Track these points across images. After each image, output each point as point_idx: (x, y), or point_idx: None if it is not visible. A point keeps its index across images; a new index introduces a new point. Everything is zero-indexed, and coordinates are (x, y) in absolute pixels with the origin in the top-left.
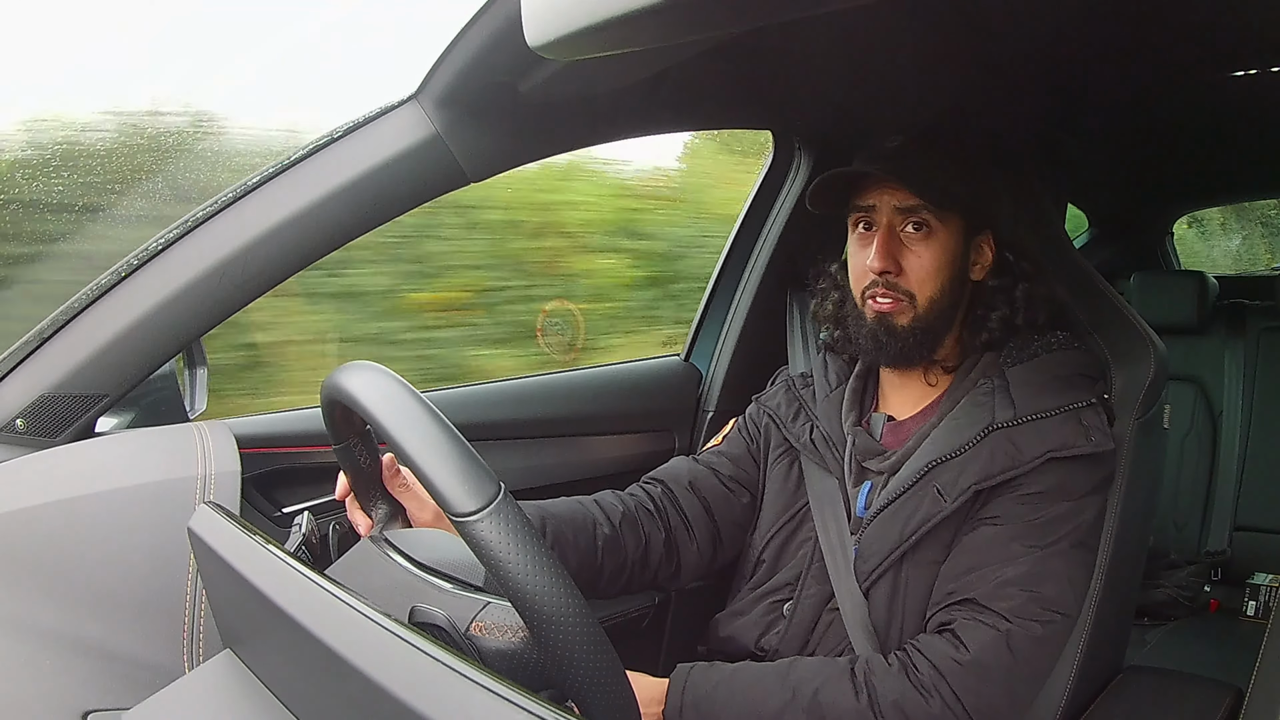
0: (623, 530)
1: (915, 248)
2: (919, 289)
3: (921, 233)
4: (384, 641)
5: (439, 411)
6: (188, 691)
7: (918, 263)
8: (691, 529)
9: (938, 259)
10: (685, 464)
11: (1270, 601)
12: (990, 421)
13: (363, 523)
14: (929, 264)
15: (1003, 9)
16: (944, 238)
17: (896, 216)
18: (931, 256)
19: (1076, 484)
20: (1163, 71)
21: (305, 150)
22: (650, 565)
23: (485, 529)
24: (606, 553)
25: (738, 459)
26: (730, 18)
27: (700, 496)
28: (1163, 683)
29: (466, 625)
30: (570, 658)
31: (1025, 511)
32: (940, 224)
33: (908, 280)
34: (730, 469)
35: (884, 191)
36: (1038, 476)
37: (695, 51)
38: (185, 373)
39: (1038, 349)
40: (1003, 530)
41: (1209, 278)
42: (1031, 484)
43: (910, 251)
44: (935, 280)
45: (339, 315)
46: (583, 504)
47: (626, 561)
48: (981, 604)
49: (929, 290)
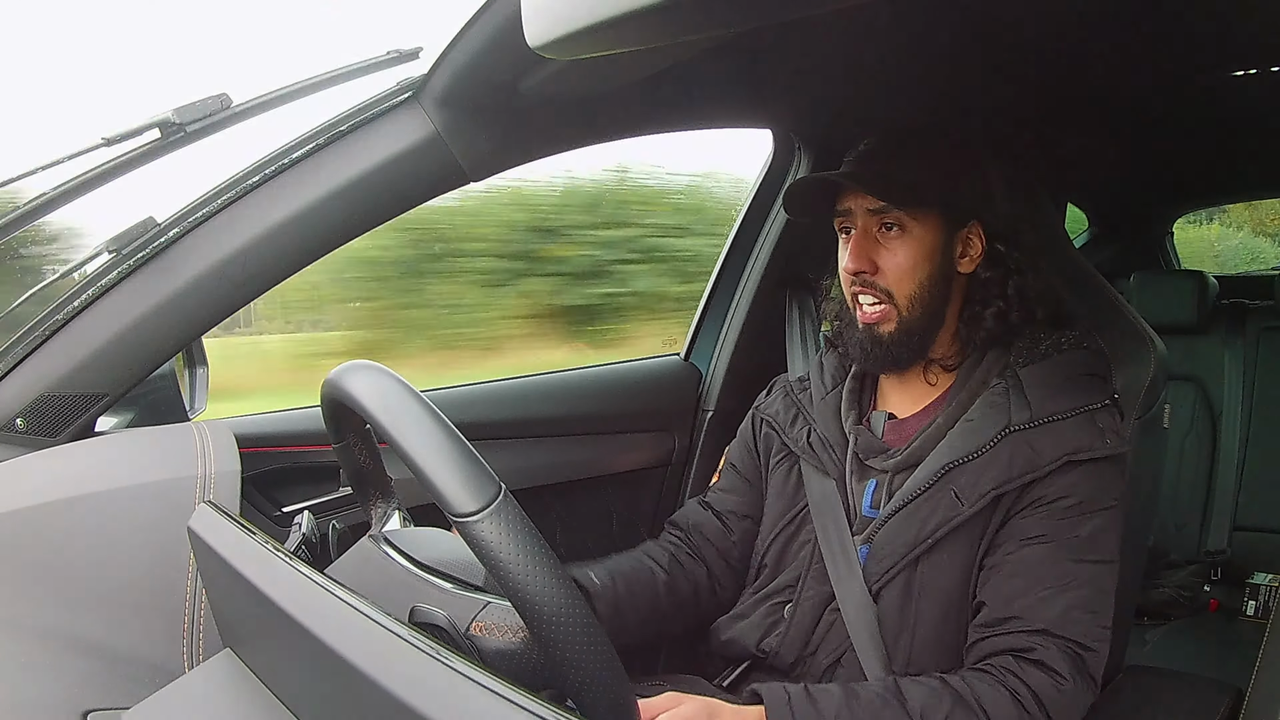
0: (674, 574)
1: (890, 246)
2: (896, 286)
3: (894, 232)
4: (384, 641)
5: (439, 411)
6: (188, 691)
7: (893, 261)
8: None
9: (913, 256)
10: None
11: (1270, 601)
12: (1007, 423)
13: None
14: (904, 261)
15: (1002, 8)
16: (919, 234)
17: (870, 219)
18: (906, 254)
19: (1105, 491)
20: (1163, 71)
21: (305, 150)
22: (701, 602)
23: (485, 529)
24: (666, 596)
25: (737, 487)
26: (730, 18)
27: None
28: (1163, 683)
29: (467, 625)
30: (570, 657)
31: (1067, 527)
32: (913, 221)
33: (884, 278)
34: (734, 504)
35: (855, 195)
36: (1058, 480)
37: (695, 51)
38: (185, 372)
39: (1048, 349)
40: (1050, 548)
41: (1209, 277)
42: (1057, 491)
43: (885, 250)
44: (913, 277)
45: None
46: (633, 555)
47: (683, 600)
48: (1056, 633)
49: (907, 287)
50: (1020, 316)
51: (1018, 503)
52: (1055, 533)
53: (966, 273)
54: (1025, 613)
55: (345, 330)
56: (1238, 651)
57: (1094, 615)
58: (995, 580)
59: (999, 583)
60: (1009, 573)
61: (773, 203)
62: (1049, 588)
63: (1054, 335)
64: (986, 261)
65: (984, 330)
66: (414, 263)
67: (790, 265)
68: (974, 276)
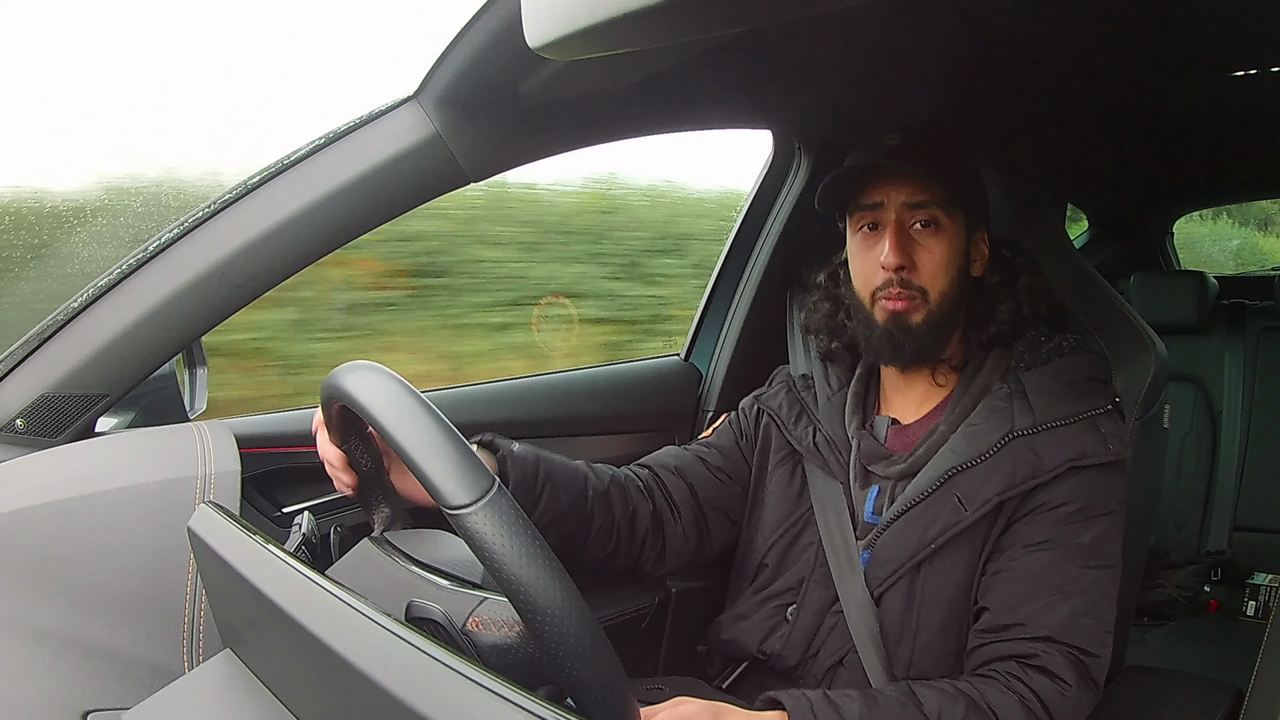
0: (611, 491)
1: (926, 243)
2: (931, 285)
3: (930, 229)
4: (383, 641)
5: (434, 406)
6: (188, 691)
7: (929, 258)
8: (677, 511)
9: (947, 254)
10: (672, 451)
11: (1270, 601)
12: (1010, 429)
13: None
14: (940, 259)
15: (1002, 8)
16: (951, 233)
17: (906, 213)
18: (942, 251)
19: (1108, 496)
20: (1163, 71)
21: (305, 150)
22: (637, 536)
23: (478, 521)
24: (596, 506)
25: (726, 450)
26: (730, 18)
27: (686, 481)
28: (1163, 683)
29: (463, 620)
30: (565, 650)
31: (1070, 533)
32: (948, 219)
33: (920, 277)
34: (719, 459)
35: (892, 188)
36: (1061, 486)
37: (695, 51)
38: (185, 373)
39: (1049, 353)
40: (1053, 554)
41: (1209, 278)
42: (1060, 496)
43: (921, 247)
44: (946, 275)
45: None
46: (573, 461)
47: (614, 521)
48: (1059, 640)
49: (940, 285)
50: (1031, 310)
51: (1020, 508)
52: (1058, 539)
53: (976, 276)
54: (1029, 619)
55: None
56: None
57: (1097, 621)
58: (998, 586)
59: (1002, 589)
60: (1012, 579)
61: (773, 203)
62: (1052, 594)
63: (1054, 338)
64: (993, 266)
65: (995, 327)
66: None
67: (790, 265)
68: (982, 280)
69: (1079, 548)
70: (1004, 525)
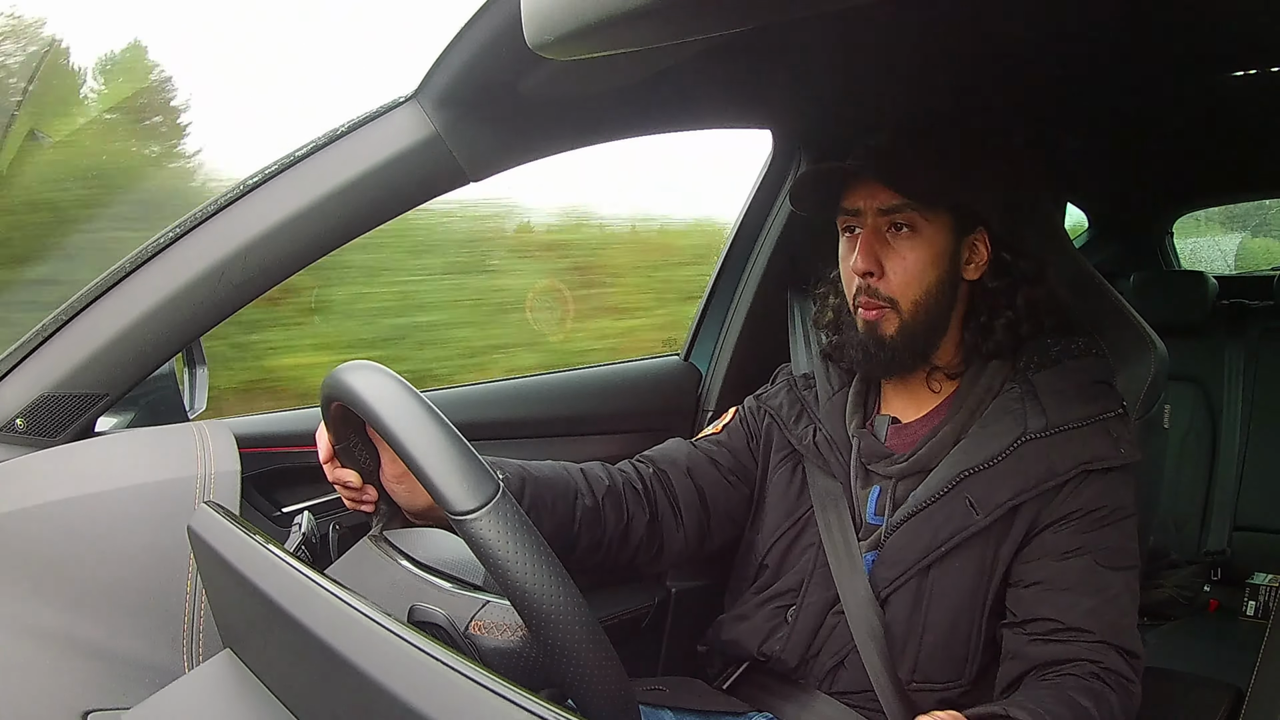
0: (604, 505)
1: (900, 248)
2: (901, 294)
3: (904, 232)
4: (384, 641)
5: (438, 410)
6: (188, 691)
7: (901, 265)
8: (680, 515)
9: (922, 260)
10: (683, 448)
11: (1270, 601)
12: (1022, 431)
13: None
14: (912, 266)
15: (1002, 8)
16: (930, 236)
17: (879, 217)
18: (916, 258)
19: (1126, 498)
20: (1163, 71)
21: (305, 150)
22: (630, 545)
23: (483, 527)
24: (584, 525)
25: (737, 451)
26: (730, 18)
27: (696, 484)
28: (1163, 683)
29: (466, 624)
30: (568, 655)
31: (1099, 538)
32: (926, 222)
33: (889, 285)
34: (730, 460)
35: (868, 193)
36: (1084, 493)
37: (694, 51)
38: (185, 373)
39: (1059, 354)
40: (1089, 560)
41: (1209, 277)
42: (1086, 502)
43: (894, 252)
44: (920, 283)
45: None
46: (568, 470)
47: (605, 538)
48: (1113, 642)
49: (913, 294)
50: (1030, 328)
51: (1044, 515)
52: (1090, 544)
53: (971, 280)
54: (1083, 623)
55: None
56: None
57: (1131, 620)
58: (1047, 596)
59: (1051, 597)
60: (1059, 586)
61: (772, 203)
62: (1096, 598)
63: (1063, 340)
64: (993, 270)
65: (993, 341)
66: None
67: (791, 265)
68: (979, 284)
69: (1109, 552)
70: (1025, 531)
